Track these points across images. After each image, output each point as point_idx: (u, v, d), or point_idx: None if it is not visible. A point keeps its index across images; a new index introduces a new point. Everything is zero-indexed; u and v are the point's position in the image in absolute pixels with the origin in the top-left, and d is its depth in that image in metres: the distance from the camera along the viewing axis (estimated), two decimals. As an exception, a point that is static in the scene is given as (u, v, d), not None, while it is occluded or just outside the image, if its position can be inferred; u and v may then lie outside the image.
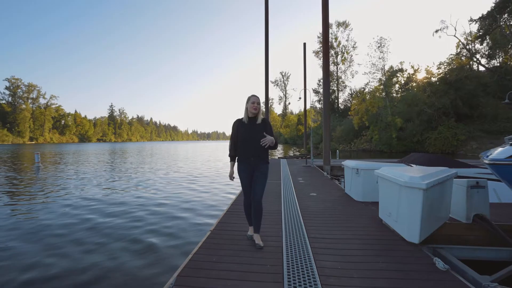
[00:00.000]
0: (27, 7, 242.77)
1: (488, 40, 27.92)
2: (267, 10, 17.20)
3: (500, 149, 3.99)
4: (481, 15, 27.79)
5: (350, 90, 48.79)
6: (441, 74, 27.95)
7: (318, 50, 48.39)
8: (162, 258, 3.76)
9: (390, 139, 29.09)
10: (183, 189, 9.14)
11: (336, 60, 49.56)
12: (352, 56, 48.65)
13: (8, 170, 14.62)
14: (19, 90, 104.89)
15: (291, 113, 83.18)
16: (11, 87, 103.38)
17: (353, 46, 48.29)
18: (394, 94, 34.49)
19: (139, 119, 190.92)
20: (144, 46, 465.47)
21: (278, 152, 31.76)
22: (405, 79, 34.43)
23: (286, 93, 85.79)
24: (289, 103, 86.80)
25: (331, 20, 46.52)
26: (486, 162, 4.04)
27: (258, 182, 2.83)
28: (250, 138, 2.81)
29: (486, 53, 28.71)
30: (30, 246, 4.23)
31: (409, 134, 28.08)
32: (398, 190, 3.01)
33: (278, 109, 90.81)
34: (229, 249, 2.81)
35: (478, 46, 29.38)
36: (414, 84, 32.94)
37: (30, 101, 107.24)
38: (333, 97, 48.15)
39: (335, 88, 49.06)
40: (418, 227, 2.78)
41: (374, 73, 35.68)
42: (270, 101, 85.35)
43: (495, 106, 23.42)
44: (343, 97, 50.05)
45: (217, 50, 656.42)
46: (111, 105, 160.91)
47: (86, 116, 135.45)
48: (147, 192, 8.59)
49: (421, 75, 32.27)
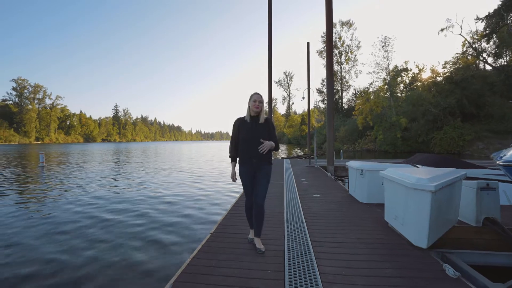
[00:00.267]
0: (33, 8, 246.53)
1: (495, 38, 27.50)
2: (271, 10, 17.11)
3: None
4: (487, 13, 27.46)
5: (354, 89, 48.61)
6: (446, 73, 27.59)
7: (322, 49, 48.26)
8: (162, 260, 3.69)
9: (395, 139, 28.81)
10: (187, 187, 9.14)
11: (340, 59, 49.29)
12: (356, 55, 48.46)
13: (14, 170, 14.73)
14: (26, 91, 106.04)
15: (295, 113, 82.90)
16: (18, 88, 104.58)
17: (357, 46, 48.06)
18: (398, 94, 34.19)
19: (143, 119, 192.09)
20: (148, 47, 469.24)
21: (282, 152, 31.63)
22: (409, 79, 34.10)
23: (289, 93, 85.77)
24: (292, 103, 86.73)
25: (335, 19, 46.53)
26: (500, 163, 3.90)
27: (261, 184, 2.71)
28: (252, 138, 2.68)
29: (493, 51, 28.26)
30: (31, 243, 4.28)
31: (414, 134, 27.77)
32: (405, 192, 2.89)
33: (281, 109, 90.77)
34: (229, 253, 2.72)
35: (484, 44, 28.98)
36: (419, 83, 32.60)
37: (36, 101, 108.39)
38: (337, 97, 47.84)
39: (339, 87, 48.80)
40: (426, 231, 2.66)
41: (378, 72, 35.51)
42: (273, 101, 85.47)
43: (502, 106, 23.07)
44: (347, 97, 49.90)
45: (220, 50, 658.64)
46: (116, 105, 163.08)
47: (91, 116, 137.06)
48: (151, 191, 8.56)
49: (426, 75, 31.97)
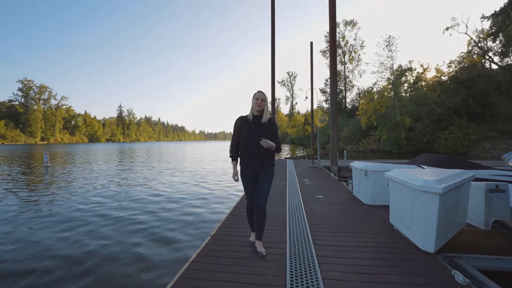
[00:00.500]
0: (37, 8, 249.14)
1: (501, 37, 27.00)
2: (273, 10, 17.05)
3: None
4: (493, 12, 27.02)
5: (358, 89, 48.13)
6: (451, 72, 27.17)
7: (325, 49, 47.87)
8: (161, 263, 3.62)
9: (399, 139, 28.48)
10: (191, 187, 9.15)
11: (343, 59, 48.94)
12: (359, 55, 47.97)
13: (20, 169, 14.84)
14: (31, 92, 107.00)
15: (298, 113, 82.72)
16: (24, 89, 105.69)
17: (360, 45, 47.61)
18: (403, 94, 33.81)
19: (147, 120, 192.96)
20: (152, 47, 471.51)
21: (285, 152, 31.49)
22: (414, 78, 33.73)
23: (293, 93, 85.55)
24: (296, 103, 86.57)
25: (338, 19, 46.11)
26: None
27: (263, 186, 2.61)
28: (254, 138, 2.59)
29: (499, 50, 27.75)
30: (35, 239, 4.34)
31: (418, 134, 27.41)
32: (411, 194, 2.79)
33: (285, 109, 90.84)
34: (229, 256, 2.65)
35: (490, 43, 28.48)
36: (424, 83, 32.21)
37: (41, 102, 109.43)
38: (340, 96, 47.53)
39: (343, 87, 48.46)
40: (434, 235, 2.56)
41: (382, 72, 35.08)
42: (277, 101, 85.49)
43: (509, 105, 22.65)
44: (351, 96, 49.45)
45: (224, 50, 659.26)
46: (120, 105, 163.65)
47: (95, 116, 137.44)
48: (155, 190, 8.56)
49: (430, 74, 31.57)
